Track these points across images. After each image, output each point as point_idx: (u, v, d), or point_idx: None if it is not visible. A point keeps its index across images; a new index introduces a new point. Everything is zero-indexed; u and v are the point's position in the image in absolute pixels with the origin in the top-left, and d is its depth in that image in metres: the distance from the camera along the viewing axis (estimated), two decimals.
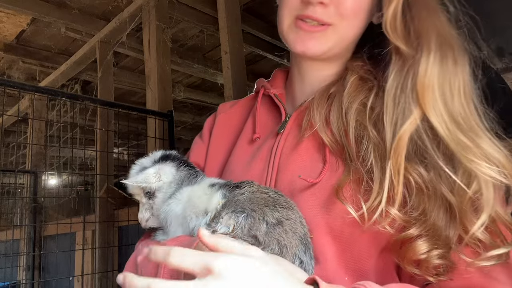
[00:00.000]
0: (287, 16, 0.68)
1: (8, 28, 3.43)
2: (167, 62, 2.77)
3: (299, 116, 0.72)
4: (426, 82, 0.57)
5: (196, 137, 0.91)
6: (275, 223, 0.55)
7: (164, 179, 0.68)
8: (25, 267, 3.41)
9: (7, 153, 4.58)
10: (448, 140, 0.55)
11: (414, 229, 0.55)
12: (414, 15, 0.62)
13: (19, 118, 3.87)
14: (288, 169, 0.67)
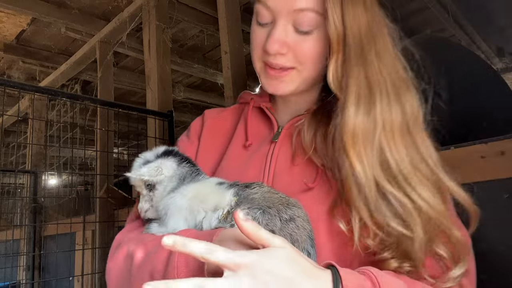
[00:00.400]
0: (257, 61, 0.78)
1: (8, 28, 3.43)
2: (167, 62, 2.77)
3: (290, 128, 0.80)
4: (348, 130, 0.66)
5: (182, 137, 0.96)
6: (288, 219, 0.61)
7: (165, 173, 0.72)
8: (25, 267, 3.41)
9: (7, 153, 4.57)
10: (367, 191, 0.63)
11: (387, 253, 0.63)
12: (347, 67, 0.69)
13: (19, 118, 3.87)
14: (284, 175, 0.75)
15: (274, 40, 0.71)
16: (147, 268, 0.63)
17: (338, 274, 0.53)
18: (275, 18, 0.72)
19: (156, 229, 0.71)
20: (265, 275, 0.48)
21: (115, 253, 0.72)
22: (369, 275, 0.56)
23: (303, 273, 0.51)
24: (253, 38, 0.77)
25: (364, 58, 0.69)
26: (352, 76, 0.68)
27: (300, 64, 0.74)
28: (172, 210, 0.68)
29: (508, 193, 1.13)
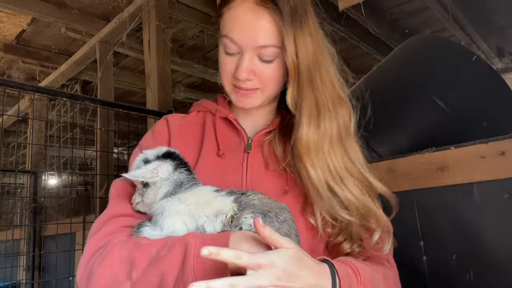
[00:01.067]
0: (227, 84, 0.90)
1: (8, 28, 3.43)
2: (167, 62, 2.76)
3: (259, 140, 0.93)
4: (302, 143, 0.82)
5: (147, 137, 0.97)
6: (283, 221, 0.72)
7: (160, 175, 0.76)
8: (25, 267, 3.41)
9: (7, 153, 4.57)
10: (321, 190, 0.81)
11: (340, 236, 0.84)
12: (300, 90, 0.84)
13: (19, 118, 3.87)
14: (261, 182, 0.86)
15: (243, 69, 0.84)
16: (155, 272, 0.66)
17: (333, 266, 0.70)
18: (242, 50, 0.84)
19: (149, 232, 0.73)
20: (280, 272, 0.62)
21: (104, 258, 0.71)
22: (349, 264, 0.74)
23: (308, 268, 0.66)
24: (223, 66, 0.89)
25: (312, 83, 0.84)
26: (305, 99, 0.84)
27: (264, 86, 0.88)
28: (169, 213, 0.72)
29: (508, 193, 1.13)
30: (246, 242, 0.66)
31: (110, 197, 0.86)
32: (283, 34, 0.82)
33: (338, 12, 2.70)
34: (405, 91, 1.97)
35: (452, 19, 3.59)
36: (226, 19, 0.86)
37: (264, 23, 0.82)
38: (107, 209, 0.83)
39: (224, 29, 0.86)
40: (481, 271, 1.15)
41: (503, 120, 1.96)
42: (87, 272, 0.73)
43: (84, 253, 0.76)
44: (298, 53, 0.82)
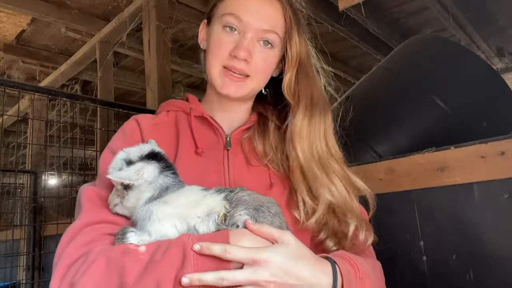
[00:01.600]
0: (215, 64, 0.88)
1: (8, 28, 3.43)
2: (167, 62, 2.76)
3: (238, 136, 0.93)
4: (296, 130, 0.87)
5: (117, 138, 0.90)
6: (274, 214, 0.73)
7: (145, 177, 0.71)
8: (25, 267, 3.41)
9: (7, 153, 4.57)
10: (307, 172, 0.85)
11: (323, 233, 0.85)
12: (300, 81, 0.90)
13: (19, 118, 3.86)
14: (244, 178, 0.86)
15: (244, 47, 0.85)
16: (150, 278, 0.61)
17: (334, 262, 0.71)
18: (245, 30, 0.86)
19: (136, 238, 0.67)
20: (276, 269, 0.63)
21: (87, 268, 0.64)
22: (348, 259, 0.75)
23: (308, 265, 0.67)
24: (218, 43, 0.87)
25: (308, 76, 0.91)
26: (302, 88, 0.89)
27: (255, 74, 0.88)
28: (156, 217, 0.68)
29: (508, 193, 1.13)
30: (246, 239, 0.65)
31: (81, 203, 0.77)
32: (288, 25, 0.88)
33: (338, 12, 2.70)
34: (405, 91, 1.97)
35: (452, 19, 3.60)
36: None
37: (273, 10, 0.87)
38: (81, 216, 0.75)
39: (228, 7, 0.87)
40: (481, 271, 1.15)
41: (503, 120, 1.96)
42: (66, 284, 0.65)
43: (60, 264, 0.67)
44: (300, 45, 0.89)
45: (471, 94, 1.94)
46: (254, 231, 0.66)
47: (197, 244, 0.62)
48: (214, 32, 0.89)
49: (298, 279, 0.64)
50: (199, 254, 0.63)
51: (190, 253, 0.63)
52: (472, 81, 1.97)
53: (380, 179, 1.39)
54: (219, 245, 0.62)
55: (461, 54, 2.09)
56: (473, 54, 2.20)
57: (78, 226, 0.73)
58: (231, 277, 0.61)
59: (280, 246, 0.66)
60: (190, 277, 0.60)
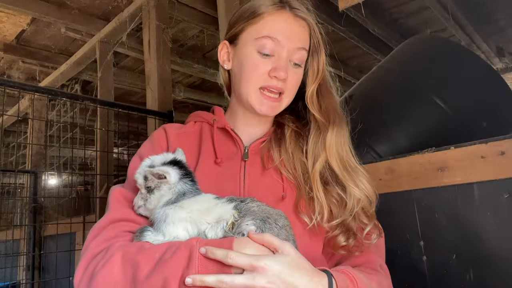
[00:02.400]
0: (253, 86, 0.94)
1: (8, 28, 3.43)
2: (167, 62, 2.76)
3: (256, 148, 0.97)
4: (330, 142, 0.92)
5: (146, 145, 0.99)
6: (281, 226, 0.76)
7: (168, 178, 0.78)
8: (25, 267, 3.41)
9: (7, 153, 4.57)
10: (340, 175, 0.91)
11: (337, 230, 0.89)
12: (323, 95, 0.97)
13: (19, 118, 3.86)
14: (258, 189, 0.90)
15: (283, 68, 0.91)
16: (159, 275, 0.67)
17: (331, 275, 0.73)
18: (280, 51, 0.92)
19: (152, 237, 0.75)
20: (273, 277, 0.66)
21: (107, 261, 0.72)
22: (347, 274, 0.77)
23: (305, 276, 0.69)
24: (255, 66, 0.93)
25: (330, 90, 0.98)
26: (329, 104, 0.96)
27: (288, 90, 0.95)
28: (171, 220, 0.75)
29: (508, 193, 1.13)
30: (249, 247, 0.69)
31: (109, 202, 0.86)
32: (315, 43, 0.97)
33: (338, 12, 2.70)
34: (405, 91, 1.97)
35: (452, 19, 3.59)
36: (266, 23, 0.94)
37: (302, 29, 0.96)
38: (107, 214, 0.84)
39: (263, 31, 0.93)
40: (481, 271, 1.15)
41: (503, 120, 1.96)
42: (88, 274, 0.73)
43: (84, 257, 0.76)
44: (324, 61, 0.97)
45: (471, 94, 1.94)
46: (256, 240, 0.70)
47: (203, 247, 0.68)
48: (248, 54, 0.94)
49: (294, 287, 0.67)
50: (204, 257, 0.68)
51: (196, 256, 0.68)
52: (472, 81, 1.97)
53: (380, 179, 1.39)
54: (222, 250, 0.67)
55: (461, 54, 2.09)
56: (473, 54, 2.20)
57: (104, 223, 0.82)
58: (230, 281, 0.65)
59: (279, 255, 0.70)
60: (193, 277, 0.65)
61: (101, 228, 0.81)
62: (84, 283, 0.73)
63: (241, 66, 0.95)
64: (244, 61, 0.95)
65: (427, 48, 2.20)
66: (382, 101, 2.03)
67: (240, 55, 0.96)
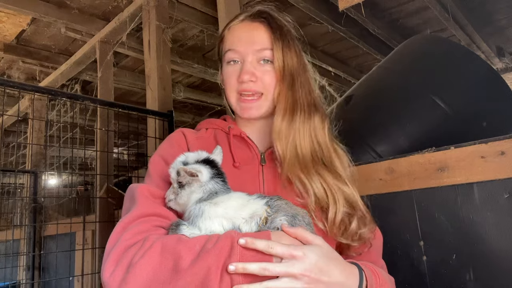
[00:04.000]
0: (233, 93, 1.02)
1: (8, 28, 3.43)
2: (167, 62, 2.76)
3: (270, 155, 1.02)
4: (277, 129, 0.97)
5: (164, 146, 1.02)
6: (307, 223, 0.82)
7: (198, 178, 0.81)
8: (25, 267, 3.41)
9: (7, 153, 4.58)
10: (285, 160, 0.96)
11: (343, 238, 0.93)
12: (282, 89, 1.00)
13: (19, 118, 3.87)
14: (277, 192, 0.93)
15: (246, 71, 0.98)
16: (202, 265, 0.69)
17: (360, 267, 0.81)
18: (243, 57, 1.00)
19: (188, 231, 0.78)
20: (311, 265, 0.71)
21: (146, 252, 0.71)
22: (370, 267, 0.86)
23: (339, 266, 0.76)
24: (227, 76, 1.02)
25: (293, 86, 1.00)
26: (283, 96, 1.00)
27: (266, 89, 1.00)
28: (208, 215, 0.78)
29: (508, 193, 1.13)
30: (285, 239, 0.74)
31: (136, 198, 0.86)
32: (272, 42, 1.00)
33: (338, 12, 2.70)
34: (405, 91, 1.97)
35: (452, 19, 3.59)
36: (228, 38, 1.04)
37: (259, 32, 1.02)
38: (136, 208, 0.83)
39: (226, 46, 1.03)
40: (481, 271, 1.15)
41: (503, 120, 1.96)
42: (123, 265, 0.71)
43: (115, 248, 0.74)
44: (284, 59, 1.00)
45: (471, 94, 1.94)
46: (290, 233, 0.76)
47: (242, 238, 0.71)
48: (223, 69, 1.05)
49: (329, 276, 0.73)
50: (244, 247, 0.71)
51: (237, 246, 0.71)
52: (472, 81, 1.97)
53: (380, 179, 1.39)
54: (263, 241, 0.71)
55: (461, 54, 2.09)
56: (473, 54, 2.20)
57: (132, 217, 0.82)
58: (272, 268, 0.69)
59: (315, 246, 0.75)
60: (236, 265, 0.68)
61: (129, 222, 0.81)
62: (118, 274, 0.71)
63: (223, 81, 1.05)
64: (224, 76, 1.05)
65: (427, 48, 2.20)
66: (382, 101, 2.03)
67: (222, 72, 1.06)
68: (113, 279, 0.71)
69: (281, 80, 1.00)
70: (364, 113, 2.04)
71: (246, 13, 1.06)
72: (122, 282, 0.70)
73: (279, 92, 1.00)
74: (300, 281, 0.70)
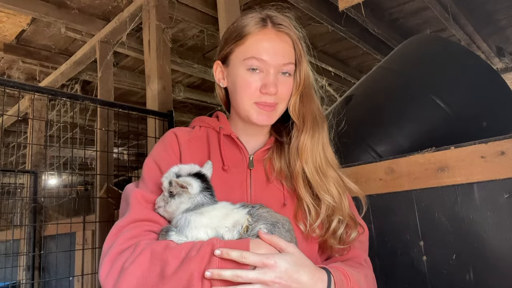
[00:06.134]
0: (248, 101, 1.01)
1: (8, 28, 3.43)
2: (167, 62, 2.77)
3: (259, 157, 1.05)
4: (303, 148, 1.01)
5: (158, 148, 1.04)
6: (287, 230, 0.87)
7: (188, 191, 0.86)
8: (25, 267, 3.41)
9: (7, 153, 4.58)
10: (311, 180, 1.00)
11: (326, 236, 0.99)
12: (304, 102, 1.04)
13: (19, 118, 3.87)
14: (262, 196, 0.98)
15: (272, 83, 0.98)
16: (186, 271, 0.75)
17: (329, 272, 0.84)
18: (268, 68, 0.99)
19: (176, 237, 0.84)
20: (281, 272, 0.76)
21: (136, 257, 0.78)
22: (341, 270, 0.88)
23: (308, 272, 0.80)
24: (247, 82, 1.00)
25: (311, 98, 1.05)
26: (307, 110, 1.03)
27: (281, 100, 1.02)
28: (194, 225, 0.84)
29: (508, 193, 1.13)
30: (263, 247, 0.80)
31: (129, 202, 0.91)
32: (298, 54, 1.03)
33: (338, 12, 2.70)
34: (405, 91, 1.97)
35: (452, 19, 3.59)
36: (251, 44, 1.00)
37: (285, 45, 1.02)
38: (129, 214, 0.89)
39: (249, 52, 1.00)
40: (481, 271, 1.16)
41: (503, 120, 1.96)
42: (116, 269, 0.79)
43: (110, 252, 0.82)
44: (305, 74, 1.04)
45: (471, 94, 1.94)
46: (265, 240, 0.80)
47: (217, 249, 0.76)
48: (239, 74, 1.01)
49: (298, 282, 0.77)
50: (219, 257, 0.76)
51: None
52: (472, 81, 1.97)
53: (380, 179, 1.39)
54: (237, 251, 0.76)
55: (461, 54, 2.09)
56: (473, 54, 2.20)
57: (125, 222, 0.88)
58: (244, 275, 0.75)
59: (286, 254, 0.79)
60: (211, 271, 0.74)
61: (123, 226, 0.87)
62: (112, 277, 0.78)
63: (235, 84, 1.03)
64: (237, 80, 1.02)
65: (427, 48, 2.20)
66: (382, 101, 2.03)
67: (232, 75, 1.04)
68: (108, 282, 0.79)
69: (301, 92, 1.04)
70: (364, 113, 2.04)
71: (264, 16, 1.03)
72: (115, 285, 0.77)
73: (299, 104, 1.03)
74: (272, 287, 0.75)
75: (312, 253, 0.98)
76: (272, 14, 1.04)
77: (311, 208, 0.98)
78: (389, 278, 1.34)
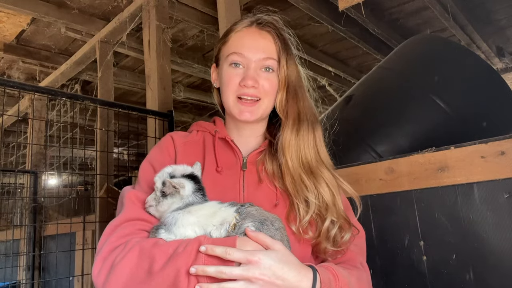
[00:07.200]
0: (231, 95, 1.04)
1: (8, 28, 3.43)
2: (167, 62, 2.76)
3: (252, 159, 1.06)
4: (288, 145, 1.02)
5: (155, 152, 1.07)
6: (276, 228, 0.86)
7: (180, 192, 0.88)
8: (25, 267, 3.41)
9: (7, 153, 4.58)
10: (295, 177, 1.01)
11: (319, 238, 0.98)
12: (289, 100, 1.06)
13: (19, 118, 3.87)
14: (256, 198, 0.99)
15: (250, 77, 1.02)
16: (173, 267, 0.76)
17: (316, 270, 0.83)
18: (248, 63, 1.03)
19: (164, 235, 0.85)
20: (265, 269, 0.76)
21: (126, 255, 0.80)
22: (331, 269, 0.87)
23: (293, 269, 0.79)
24: (229, 77, 1.04)
25: (296, 96, 1.06)
26: (291, 107, 1.05)
27: (264, 95, 1.04)
28: (181, 223, 0.85)
29: (508, 193, 1.13)
30: (249, 245, 0.80)
31: (124, 202, 0.94)
32: (279, 52, 1.05)
33: (338, 12, 2.70)
34: (405, 91, 1.97)
35: (452, 19, 3.59)
36: (234, 40, 1.06)
37: (266, 41, 1.06)
38: (122, 213, 0.91)
39: (231, 48, 1.05)
40: (481, 271, 1.16)
41: (503, 120, 1.96)
42: (107, 266, 0.81)
43: (102, 250, 0.84)
44: (288, 69, 1.05)
45: (471, 94, 1.94)
46: (251, 237, 0.81)
47: (203, 246, 0.77)
48: (223, 70, 1.07)
49: (283, 280, 0.77)
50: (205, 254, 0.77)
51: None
52: (472, 81, 1.97)
53: (380, 179, 1.39)
54: (221, 247, 0.77)
55: (461, 54, 2.09)
56: (473, 54, 2.20)
57: (119, 221, 0.90)
58: (228, 271, 0.75)
59: (271, 251, 0.80)
60: (196, 268, 0.75)
61: (117, 225, 0.89)
62: (103, 274, 0.81)
63: (222, 81, 1.08)
64: (223, 77, 1.07)
65: (427, 48, 2.20)
66: (382, 101, 2.03)
67: (220, 73, 1.09)
68: (99, 278, 0.81)
69: (286, 90, 1.05)
70: (364, 113, 2.04)
71: (253, 18, 1.09)
72: (105, 281, 0.80)
73: (284, 101, 1.05)
74: (255, 284, 0.76)
75: (304, 255, 0.98)
76: (259, 16, 1.09)
77: (300, 206, 0.98)
78: (389, 278, 1.34)
